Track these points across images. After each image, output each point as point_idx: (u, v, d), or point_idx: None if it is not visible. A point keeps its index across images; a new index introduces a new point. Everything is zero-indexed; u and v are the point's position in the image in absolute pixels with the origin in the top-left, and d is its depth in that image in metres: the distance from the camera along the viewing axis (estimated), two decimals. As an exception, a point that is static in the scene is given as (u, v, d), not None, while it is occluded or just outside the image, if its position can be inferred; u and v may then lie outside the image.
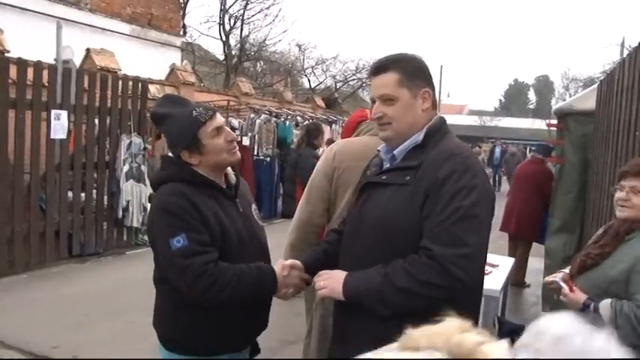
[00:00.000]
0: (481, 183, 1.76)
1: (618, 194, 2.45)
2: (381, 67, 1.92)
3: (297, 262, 2.15)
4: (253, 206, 2.34)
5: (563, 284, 2.48)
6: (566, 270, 2.68)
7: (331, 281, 1.89)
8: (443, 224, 1.69)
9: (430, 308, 1.72)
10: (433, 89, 1.95)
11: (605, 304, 2.27)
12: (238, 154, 2.18)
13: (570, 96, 36.87)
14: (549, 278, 2.70)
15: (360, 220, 1.94)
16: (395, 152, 1.92)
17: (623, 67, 4.19)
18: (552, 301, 3.31)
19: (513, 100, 73.24)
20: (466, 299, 1.80)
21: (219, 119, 2.13)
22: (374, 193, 1.91)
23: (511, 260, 4.57)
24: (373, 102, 1.96)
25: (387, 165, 1.96)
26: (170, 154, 2.20)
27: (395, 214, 1.79)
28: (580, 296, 2.38)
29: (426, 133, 1.87)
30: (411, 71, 1.89)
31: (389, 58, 1.94)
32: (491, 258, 3.61)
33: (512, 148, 22.31)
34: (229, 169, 2.26)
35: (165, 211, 2.01)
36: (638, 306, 2.20)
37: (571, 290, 2.42)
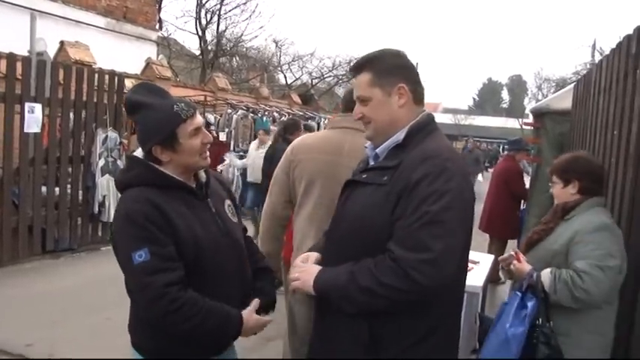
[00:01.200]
0: (456, 187, 1.72)
1: None
2: (355, 68, 1.95)
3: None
4: (227, 202, 2.25)
5: (512, 254, 2.79)
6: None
7: (304, 275, 1.90)
8: (409, 228, 1.68)
9: (400, 308, 1.73)
10: (414, 83, 1.91)
11: (546, 272, 2.56)
12: (208, 159, 2.08)
13: (543, 96, 37.47)
14: (504, 256, 2.94)
15: (340, 217, 1.96)
16: (377, 151, 1.93)
17: (600, 68, 4.27)
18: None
19: (487, 99, 74.08)
20: (447, 299, 1.83)
21: (199, 119, 2.03)
22: (355, 191, 1.93)
23: (491, 257, 4.63)
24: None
25: (371, 162, 1.96)
26: (138, 148, 2.07)
27: (370, 214, 1.80)
28: (526, 266, 2.67)
29: (407, 131, 1.86)
30: (384, 69, 1.89)
31: (364, 57, 1.94)
32: (472, 255, 3.65)
33: (470, 144, 21.50)
34: None
35: (128, 221, 1.90)
36: (575, 271, 2.47)
37: (518, 261, 2.72)
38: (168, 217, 1.91)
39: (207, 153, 2.07)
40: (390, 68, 1.89)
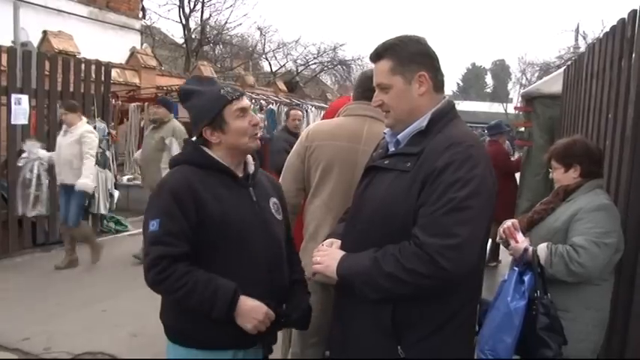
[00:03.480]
0: (481, 174, 1.71)
1: None
2: (375, 55, 1.92)
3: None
4: (272, 199, 2.26)
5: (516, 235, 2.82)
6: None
7: (328, 259, 1.90)
8: (434, 214, 1.68)
9: (424, 295, 1.73)
10: (435, 71, 1.89)
11: (542, 246, 2.65)
12: (258, 141, 2.16)
13: (527, 80, 37.60)
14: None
15: (361, 203, 1.95)
16: (399, 137, 1.91)
17: (592, 52, 4.30)
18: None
19: (471, 84, 74.16)
20: (469, 285, 1.83)
21: (246, 101, 2.14)
22: (377, 177, 1.91)
23: (488, 240, 4.66)
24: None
25: (392, 149, 1.95)
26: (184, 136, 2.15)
27: (393, 201, 1.79)
28: (521, 245, 2.74)
29: (430, 118, 1.85)
30: (405, 56, 1.86)
31: (384, 44, 1.91)
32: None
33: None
34: (249, 157, 2.22)
35: (158, 192, 2.04)
36: (572, 245, 2.58)
37: (510, 234, 2.82)
38: (199, 194, 2.00)
39: (258, 135, 2.17)
40: (412, 55, 1.86)
